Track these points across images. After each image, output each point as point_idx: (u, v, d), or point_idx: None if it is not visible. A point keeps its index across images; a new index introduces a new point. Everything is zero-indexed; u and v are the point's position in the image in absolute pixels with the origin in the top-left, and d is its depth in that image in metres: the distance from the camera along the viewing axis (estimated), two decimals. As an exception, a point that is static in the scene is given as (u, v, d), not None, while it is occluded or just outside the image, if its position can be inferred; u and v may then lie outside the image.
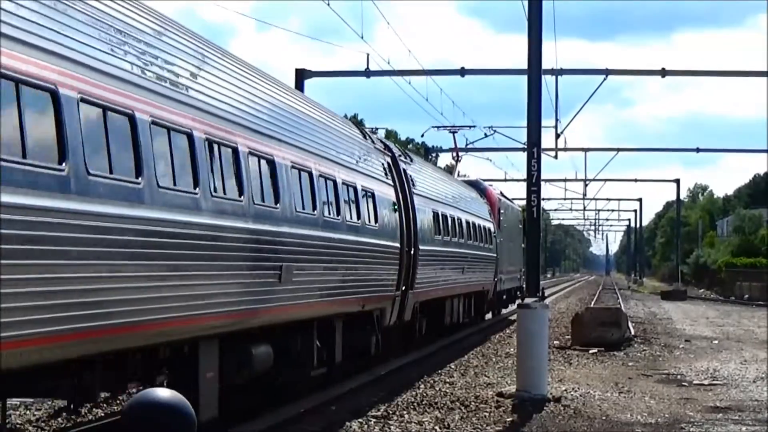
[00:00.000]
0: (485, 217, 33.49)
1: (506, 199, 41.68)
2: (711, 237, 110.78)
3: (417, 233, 21.33)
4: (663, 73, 34.95)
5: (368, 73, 32.94)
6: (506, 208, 39.38)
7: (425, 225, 22.58)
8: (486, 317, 36.23)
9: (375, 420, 13.88)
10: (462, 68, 34.70)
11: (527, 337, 16.38)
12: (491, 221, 34.67)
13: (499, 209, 37.01)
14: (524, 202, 19.48)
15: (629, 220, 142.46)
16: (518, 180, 65.34)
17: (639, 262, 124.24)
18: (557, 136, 36.68)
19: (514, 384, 16.63)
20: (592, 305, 41.67)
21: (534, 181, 17.67)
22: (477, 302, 32.55)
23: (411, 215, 21.05)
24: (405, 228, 20.31)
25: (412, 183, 21.91)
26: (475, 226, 30.56)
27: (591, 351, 24.33)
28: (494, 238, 34.43)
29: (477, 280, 30.67)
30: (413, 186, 21.89)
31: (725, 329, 34.65)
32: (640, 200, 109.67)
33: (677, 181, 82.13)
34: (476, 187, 35.73)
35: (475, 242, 30.25)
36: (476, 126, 45.83)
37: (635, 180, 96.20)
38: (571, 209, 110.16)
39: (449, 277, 25.75)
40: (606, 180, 72.38)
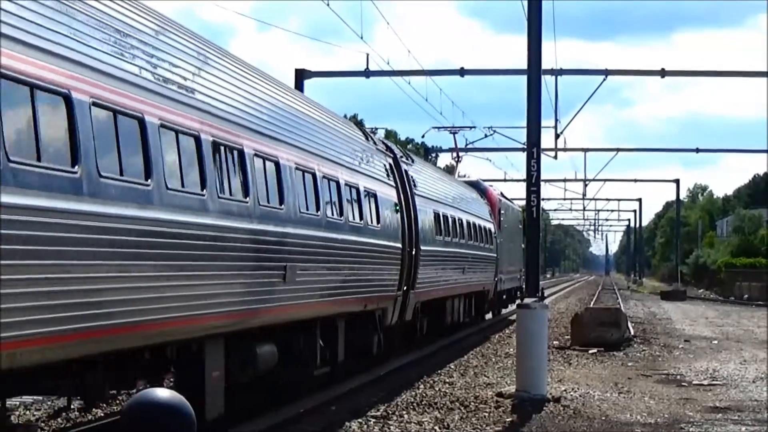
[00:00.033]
0: (486, 218, 33.59)
1: (506, 200, 41.74)
2: (710, 237, 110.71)
3: (418, 234, 21.45)
4: (663, 74, 34.91)
5: (368, 74, 32.90)
6: (507, 209, 39.46)
7: (426, 225, 22.70)
8: (486, 317, 36.32)
9: (375, 420, 13.88)
10: (462, 68, 34.66)
11: (527, 338, 16.36)
12: (492, 222, 34.75)
13: (500, 210, 37.07)
14: (524, 203, 19.48)
15: (629, 221, 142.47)
16: (518, 180, 65.33)
17: (638, 263, 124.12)
18: (557, 137, 36.65)
19: (514, 384, 16.63)
20: (592, 305, 41.62)
21: (534, 182, 17.69)
22: (477, 302, 32.66)
23: (412, 216, 21.16)
24: (406, 228, 20.41)
25: (414, 184, 22.03)
26: (476, 227, 30.68)
27: (590, 351, 24.30)
28: (495, 239, 34.54)
29: (477, 280, 30.79)
30: (415, 187, 22.00)
31: (725, 329, 34.61)
32: (640, 200, 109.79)
33: (677, 182, 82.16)
34: (477, 188, 35.80)
35: (476, 242, 30.38)
36: (476, 127, 45.94)
37: (635, 180, 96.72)
38: (571, 209, 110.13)
39: (450, 277, 25.86)
40: (606, 180, 72.45)
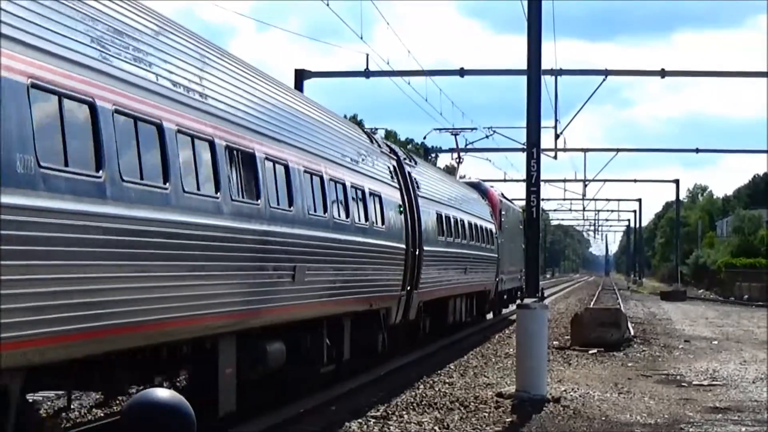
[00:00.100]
0: (487, 219, 33.84)
1: (507, 201, 41.97)
2: (710, 237, 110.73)
3: (421, 234, 21.72)
4: (662, 74, 34.99)
5: (368, 74, 33.04)
6: (507, 210, 39.70)
7: (429, 226, 22.99)
8: (487, 317, 36.59)
9: (374, 420, 13.92)
10: (461, 69, 34.76)
11: (527, 338, 16.38)
12: (493, 222, 34.99)
13: (501, 210, 37.27)
14: (524, 203, 19.60)
15: (629, 221, 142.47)
16: (518, 180, 65.39)
17: (638, 263, 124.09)
18: (557, 137, 36.76)
19: (514, 384, 16.65)
20: (592, 306, 41.77)
21: (533, 182, 17.80)
22: (479, 302, 32.92)
23: (416, 217, 21.44)
24: (410, 229, 20.69)
25: (417, 185, 22.32)
26: (477, 227, 30.95)
27: (590, 351, 24.35)
28: (496, 239, 34.79)
29: (479, 280, 31.05)
30: (418, 188, 22.29)
31: (725, 330, 34.63)
32: (640, 201, 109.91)
33: (677, 182, 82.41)
34: (478, 189, 36.00)
35: (477, 243, 30.64)
36: (477, 128, 46.08)
37: (635, 180, 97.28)
38: (571, 210, 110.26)
39: (452, 278, 26.13)
40: (605, 180, 72.75)
